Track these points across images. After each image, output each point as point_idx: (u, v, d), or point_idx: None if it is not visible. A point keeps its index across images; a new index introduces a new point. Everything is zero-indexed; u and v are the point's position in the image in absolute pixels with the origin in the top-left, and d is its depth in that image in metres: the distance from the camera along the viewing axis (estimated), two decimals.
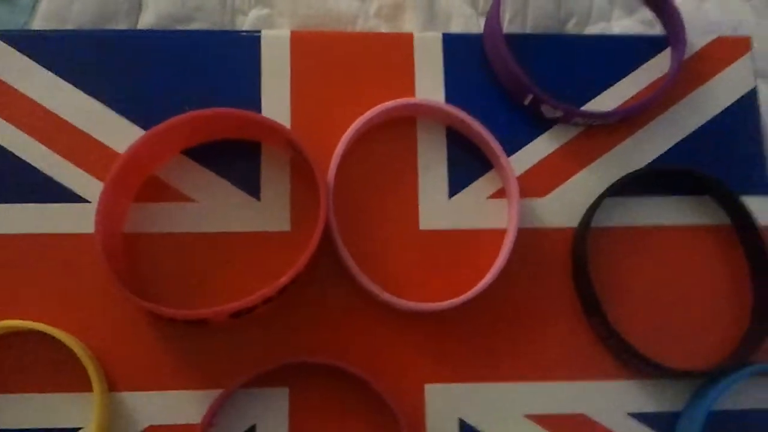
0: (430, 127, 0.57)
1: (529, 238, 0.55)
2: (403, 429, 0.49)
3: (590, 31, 0.66)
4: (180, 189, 0.54)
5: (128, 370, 0.51)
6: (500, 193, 0.56)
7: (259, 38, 0.57)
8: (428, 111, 0.57)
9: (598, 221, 0.55)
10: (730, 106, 0.59)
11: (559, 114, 0.57)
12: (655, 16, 0.63)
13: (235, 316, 0.49)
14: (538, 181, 0.56)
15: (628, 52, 0.60)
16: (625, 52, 0.60)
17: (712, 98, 0.59)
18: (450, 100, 0.57)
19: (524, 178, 0.56)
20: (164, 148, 0.54)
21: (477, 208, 0.56)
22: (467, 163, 0.57)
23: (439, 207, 0.55)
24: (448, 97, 0.58)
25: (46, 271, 0.52)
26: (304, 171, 0.53)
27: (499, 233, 0.55)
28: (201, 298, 0.52)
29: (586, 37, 0.64)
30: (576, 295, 0.54)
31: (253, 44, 0.57)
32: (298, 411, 0.51)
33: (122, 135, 0.54)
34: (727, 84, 0.60)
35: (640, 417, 0.53)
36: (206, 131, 0.54)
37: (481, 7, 0.65)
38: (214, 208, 0.54)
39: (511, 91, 0.58)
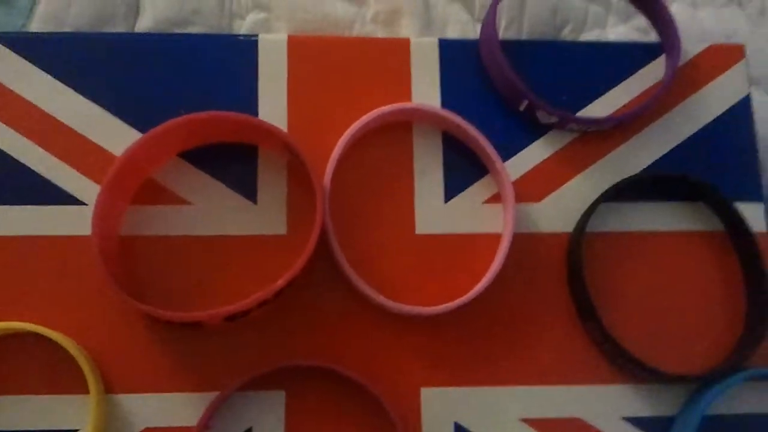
0: (426, 132, 0.57)
1: (525, 243, 0.55)
2: None
3: (585, 38, 0.67)
4: (176, 192, 0.54)
5: (125, 372, 0.51)
6: (496, 198, 0.56)
7: (256, 42, 0.57)
8: (424, 116, 0.57)
9: (593, 226, 0.56)
10: (724, 113, 0.60)
11: (554, 120, 0.57)
12: (649, 23, 0.63)
13: (230, 319, 0.49)
14: (534, 187, 0.57)
15: (623, 59, 0.61)
16: (619, 59, 0.61)
17: (706, 105, 0.60)
18: (446, 106, 0.57)
19: (520, 183, 0.56)
20: (161, 150, 0.54)
21: (472, 213, 0.56)
22: (463, 168, 0.57)
23: (435, 211, 0.56)
24: (444, 102, 0.58)
25: (42, 273, 0.52)
26: (301, 175, 0.54)
27: (495, 238, 0.55)
28: (197, 301, 0.52)
29: (581, 44, 0.65)
30: (571, 300, 0.55)
31: (251, 48, 0.57)
32: (295, 414, 0.51)
33: (119, 138, 0.54)
34: (721, 91, 0.60)
35: (634, 421, 0.53)
36: (203, 134, 0.54)
37: (477, 14, 0.66)
38: (210, 211, 0.54)
39: (507, 97, 0.58)
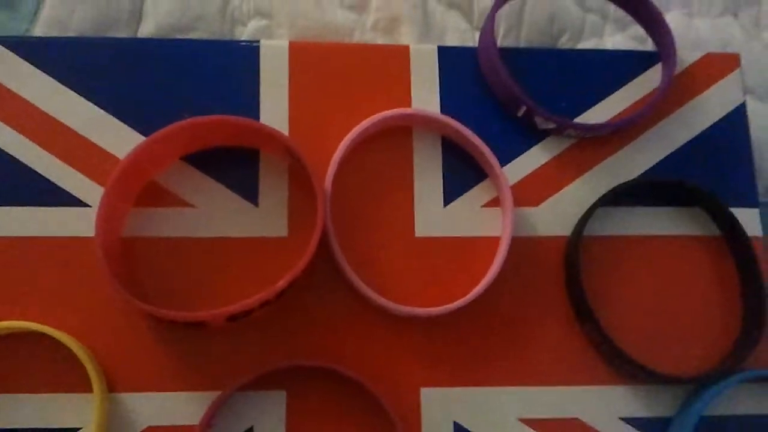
0: (426, 137, 0.59)
1: (523, 247, 0.56)
2: None
3: (583, 47, 0.69)
4: (179, 194, 0.55)
5: (127, 371, 0.52)
6: (494, 202, 0.58)
7: (258, 48, 0.59)
8: (424, 121, 0.58)
9: (591, 230, 0.57)
10: (720, 120, 0.61)
11: (552, 126, 0.58)
12: (646, 32, 0.65)
13: (232, 319, 0.51)
14: (532, 191, 0.58)
15: (620, 67, 0.62)
16: (616, 67, 0.62)
17: (702, 112, 0.61)
18: (445, 112, 0.58)
19: (518, 187, 0.58)
20: (164, 154, 0.55)
21: (471, 217, 0.57)
22: (462, 173, 0.58)
23: (435, 215, 0.57)
24: (444, 108, 0.59)
25: (46, 274, 0.53)
26: (302, 178, 0.55)
27: (494, 241, 0.57)
28: (199, 303, 0.53)
29: (578, 52, 0.66)
30: (569, 302, 0.56)
31: (253, 54, 0.59)
32: (295, 414, 0.52)
33: (123, 141, 0.55)
34: (717, 99, 0.62)
35: (632, 422, 0.54)
36: (205, 138, 0.55)
37: (476, 22, 0.68)
38: (212, 214, 0.55)
39: (505, 103, 0.59)
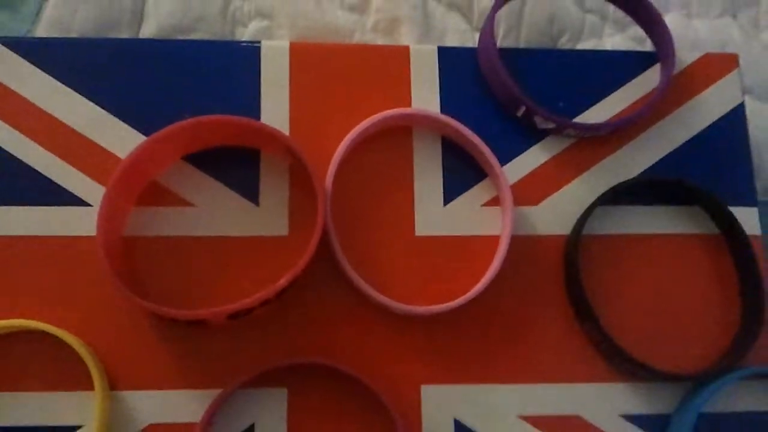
0: (426, 137, 0.59)
1: (523, 245, 0.57)
2: (399, 429, 0.50)
3: (582, 48, 0.70)
4: (180, 194, 0.56)
5: (129, 369, 0.52)
6: (494, 201, 0.58)
7: (259, 49, 0.59)
8: (424, 121, 0.59)
9: (590, 229, 0.58)
10: (719, 120, 0.62)
11: (551, 125, 0.59)
12: (645, 33, 0.65)
13: (233, 317, 0.51)
14: (532, 190, 0.59)
15: (619, 67, 0.63)
16: (615, 67, 0.63)
17: (700, 112, 0.62)
18: (445, 112, 0.59)
19: (518, 186, 0.58)
20: (165, 153, 0.56)
21: (471, 216, 0.58)
22: (462, 172, 0.59)
23: (435, 214, 0.58)
24: (444, 108, 0.60)
25: (48, 272, 0.54)
26: (302, 178, 0.55)
27: (493, 240, 0.57)
28: (199, 301, 0.53)
29: (578, 52, 0.67)
30: (568, 301, 0.57)
31: (253, 54, 0.59)
32: (296, 411, 0.52)
33: (124, 141, 0.56)
34: (716, 99, 0.63)
35: (632, 419, 0.55)
36: (207, 138, 0.56)
37: (476, 23, 0.69)
38: (213, 213, 0.56)
39: (505, 103, 0.60)
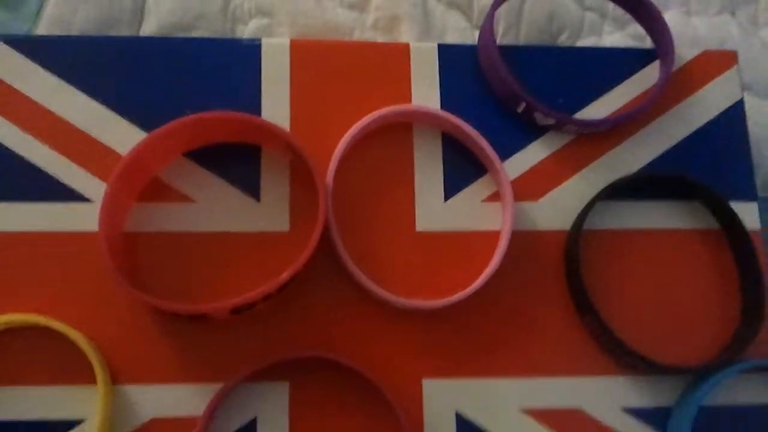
0: (426, 133, 0.60)
1: (523, 240, 0.58)
2: (401, 422, 0.51)
3: (582, 45, 0.71)
4: (181, 190, 0.57)
5: (131, 363, 0.53)
6: (495, 197, 0.59)
7: (259, 46, 0.60)
8: (424, 117, 0.60)
9: (591, 224, 0.58)
10: (718, 116, 0.63)
11: (551, 121, 0.60)
12: (644, 30, 0.66)
13: (235, 311, 0.52)
14: (532, 186, 0.59)
15: (618, 64, 0.64)
16: (615, 64, 0.64)
17: (700, 108, 0.63)
18: (445, 109, 0.60)
19: (518, 182, 0.59)
20: (166, 150, 0.56)
21: (472, 211, 0.59)
22: (462, 168, 0.59)
23: (435, 210, 0.58)
24: (444, 105, 0.60)
25: (51, 268, 0.54)
26: (303, 174, 0.56)
27: (494, 235, 0.58)
28: (201, 297, 0.54)
29: (577, 49, 0.68)
30: (569, 295, 0.57)
31: (254, 52, 0.60)
32: (298, 404, 0.53)
33: (125, 137, 0.56)
34: (715, 95, 0.63)
35: (633, 412, 0.55)
36: (208, 134, 0.57)
37: (476, 21, 0.70)
38: (214, 209, 0.56)
39: (505, 100, 0.61)
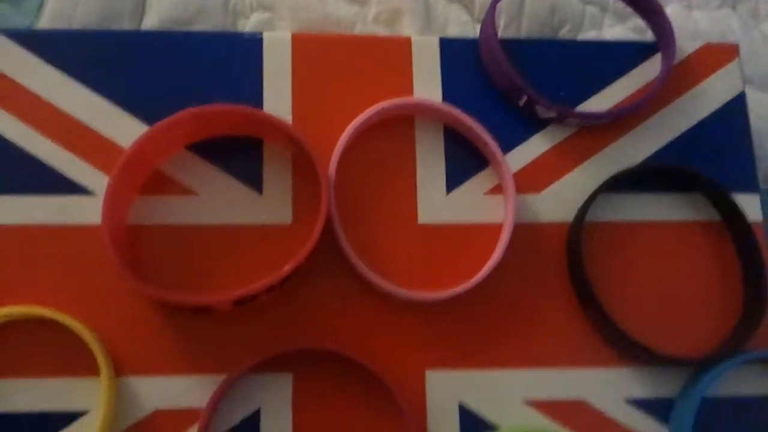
0: (428, 126, 0.60)
1: (526, 233, 0.58)
2: (404, 413, 0.51)
3: (583, 38, 0.72)
4: (184, 183, 0.57)
5: (135, 355, 0.53)
6: (497, 189, 0.60)
7: (261, 40, 0.61)
8: (426, 110, 0.60)
9: (593, 217, 0.59)
10: (719, 108, 0.63)
11: (553, 114, 0.60)
12: (645, 23, 0.67)
13: (238, 303, 0.53)
14: (534, 178, 0.60)
15: (620, 57, 0.64)
16: (616, 57, 0.64)
17: (701, 101, 0.63)
18: (447, 102, 0.60)
19: (520, 175, 0.60)
20: (168, 143, 0.57)
21: (474, 204, 0.59)
22: (464, 161, 0.60)
23: (437, 202, 0.59)
24: (446, 98, 0.61)
25: (54, 261, 0.55)
26: (305, 167, 0.56)
27: (496, 228, 0.58)
28: (204, 289, 0.55)
29: (579, 42, 0.68)
30: (571, 287, 0.58)
31: (256, 46, 0.60)
32: (301, 396, 0.53)
33: (127, 131, 0.57)
34: (716, 88, 0.64)
35: (636, 403, 0.56)
36: (210, 127, 0.57)
37: (477, 14, 0.70)
38: (217, 202, 0.57)
39: (507, 93, 0.61)
